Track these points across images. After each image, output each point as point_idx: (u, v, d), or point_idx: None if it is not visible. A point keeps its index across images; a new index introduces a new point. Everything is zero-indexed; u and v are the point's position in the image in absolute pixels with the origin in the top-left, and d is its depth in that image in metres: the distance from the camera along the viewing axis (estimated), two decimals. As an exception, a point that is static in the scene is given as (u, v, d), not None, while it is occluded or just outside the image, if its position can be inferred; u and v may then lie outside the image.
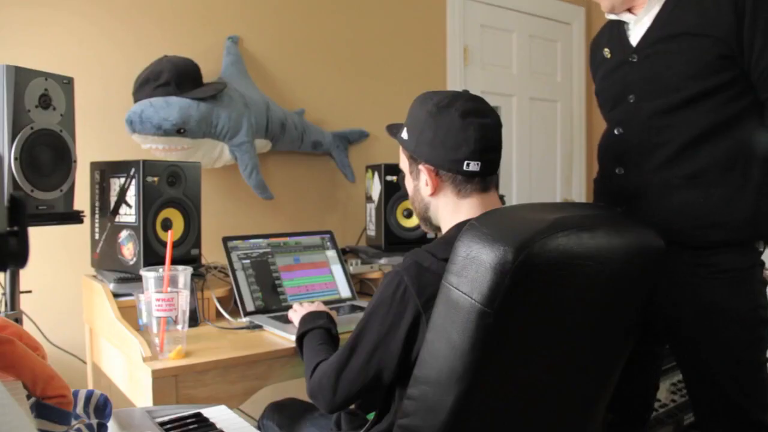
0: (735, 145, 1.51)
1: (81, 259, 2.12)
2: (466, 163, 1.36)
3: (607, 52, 1.74)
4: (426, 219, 1.49)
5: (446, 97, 1.42)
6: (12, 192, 1.30)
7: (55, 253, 2.19)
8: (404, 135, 1.47)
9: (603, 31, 1.82)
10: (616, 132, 1.68)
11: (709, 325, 1.55)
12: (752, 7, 1.44)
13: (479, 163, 1.37)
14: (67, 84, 1.79)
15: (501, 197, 2.61)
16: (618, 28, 1.72)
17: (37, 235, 1.59)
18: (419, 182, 1.45)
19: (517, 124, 3.76)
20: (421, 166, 1.42)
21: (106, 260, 1.98)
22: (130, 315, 1.75)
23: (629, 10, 1.68)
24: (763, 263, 1.60)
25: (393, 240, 2.45)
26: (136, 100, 2.18)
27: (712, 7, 1.48)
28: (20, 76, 1.67)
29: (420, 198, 1.47)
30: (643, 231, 1.41)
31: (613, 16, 1.73)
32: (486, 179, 1.41)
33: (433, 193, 1.42)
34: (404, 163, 1.51)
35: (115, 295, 1.84)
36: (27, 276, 1.79)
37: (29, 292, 1.80)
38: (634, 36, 1.66)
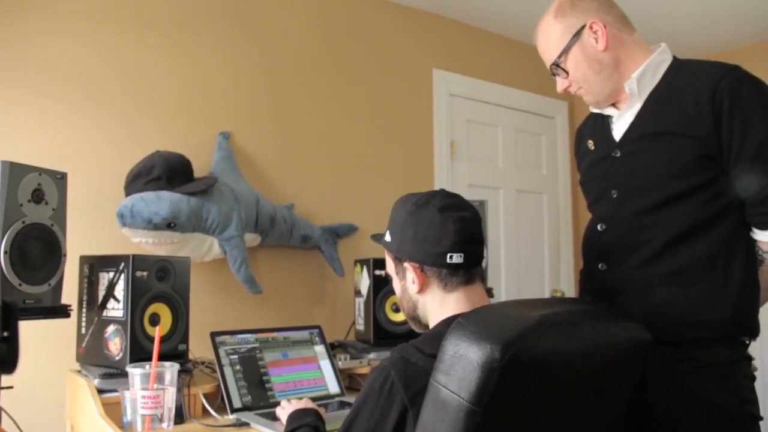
0: (716, 243, 1.53)
1: (66, 354, 2.09)
2: (449, 255, 1.40)
3: (591, 144, 1.78)
4: (415, 318, 1.51)
5: (424, 196, 1.47)
6: (5, 298, 1.30)
7: (39, 347, 2.16)
8: (387, 238, 1.51)
9: (588, 120, 1.86)
10: (599, 228, 1.70)
11: (697, 422, 1.52)
12: (729, 108, 1.48)
13: (462, 254, 1.40)
14: (60, 179, 1.81)
15: (489, 290, 2.63)
16: (602, 120, 1.76)
17: (21, 329, 1.58)
18: (406, 282, 1.47)
19: (504, 217, 3.81)
20: (406, 264, 1.46)
21: (91, 355, 1.96)
22: (114, 412, 1.71)
23: (613, 105, 1.73)
24: (749, 357, 1.59)
25: (382, 334, 2.43)
26: (127, 194, 2.20)
27: (691, 108, 1.52)
28: (14, 172, 1.69)
29: (408, 297, 1.49)
30: (629, 325, 1.42)
31: (597, 110, 1.78)
32: (470, 271, 1.44)
33: (420, 290, 1.45)
34: (390, 267, 1.54)
35: (100, 391, 1.81)
36: (10, 371, 1.76)
37: (11, 387, 1.76)
38: (618, 130, 1.69)
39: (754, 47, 3.90)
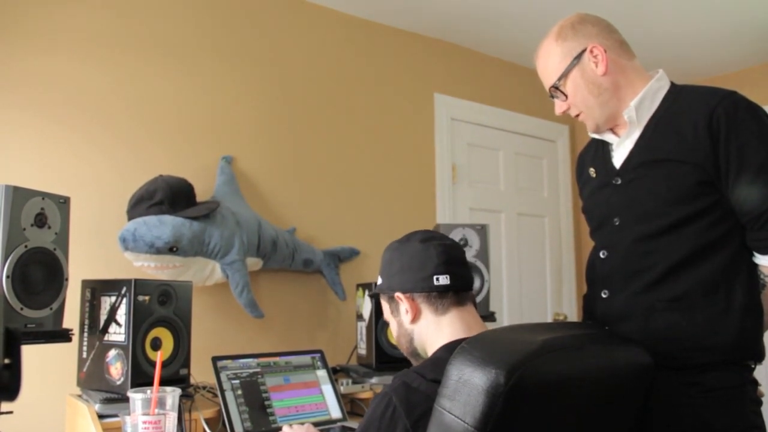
0: (718, 268, 1.53)
1: (66, 378, 2.08)
2: (435, 277, 1.44)
3: (592, 171, 1.78)
4: (413, 351, 1.53)
5: (406, 235, 1.55)
6: (7, 325, 1.29)
7: (40, 371, 2.15)
8: (378, 281, 1.57)
9: (589, 147, 1.86)
10: (602, 255, 1.70)
11: None
12: (725, 134, 1.49)
13: (448, 276, 1.45)
14: (63, 203, 1.81)
15: (492, 314, 2.62)
16: (603, 147, 1.77)
17: (23, 354, 1.57)
18: (400, 316, 1.51)
19: (506, 240, 3.81)
20: (397, 295, 1.49)
21: (92, 380, 1.95)
22: (115, 438, 1.71)
23: (613, 131, 1.74)
24: (755, 381, 1.58)
25: (384, 359, 2.42)
26: (129, 219, 2.20)
27: (689, 135, 1.53)
28: (18, 196, 1.69)
29: (404, 331, 1.52)
30: (631, 349, 1.42)
31: (597, 136, 1.78)
32: (460, 294, 1.48)
33: (414, 319, 1.48)
34: (386, 310, 1.59)
35: (101, 417, 1.80)
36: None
37: (10, 413, 1.75)
38: (618, 158, 1.70)
39: (752, 70, 3.92)
